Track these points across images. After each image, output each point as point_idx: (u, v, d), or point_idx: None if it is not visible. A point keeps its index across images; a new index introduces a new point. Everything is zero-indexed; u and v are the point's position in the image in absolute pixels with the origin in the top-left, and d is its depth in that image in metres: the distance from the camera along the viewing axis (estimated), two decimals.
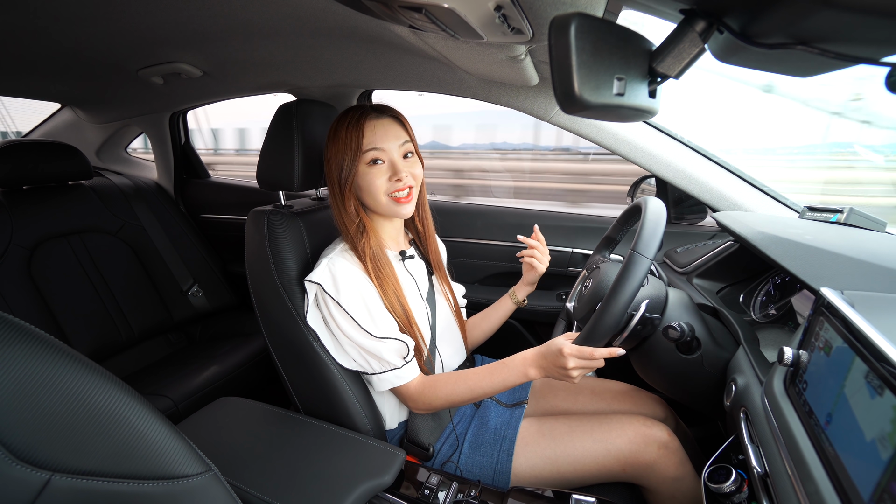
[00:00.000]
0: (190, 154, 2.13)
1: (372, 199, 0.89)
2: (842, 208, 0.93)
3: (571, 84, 0.42)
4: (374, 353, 0.87)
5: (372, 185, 0.87)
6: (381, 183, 0.87)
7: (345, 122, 0.87)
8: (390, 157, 0.88)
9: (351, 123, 0.86)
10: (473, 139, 6.63)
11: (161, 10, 0.90)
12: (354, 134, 0.86)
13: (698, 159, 1.26)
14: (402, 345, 0.88)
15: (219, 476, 0.51)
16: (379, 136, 0.86)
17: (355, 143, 0.86)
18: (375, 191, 0.87)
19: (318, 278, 0.85)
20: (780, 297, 0.96)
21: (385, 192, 0.88)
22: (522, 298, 1.16)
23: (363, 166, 0.87)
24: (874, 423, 0.41)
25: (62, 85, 1.53)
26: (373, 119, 0.87)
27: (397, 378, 0.88)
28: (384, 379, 0.89)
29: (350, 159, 0.86)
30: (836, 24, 0.34)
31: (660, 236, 0.77)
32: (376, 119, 0.88)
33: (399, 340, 0.87)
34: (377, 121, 0.87)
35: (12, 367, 0.37)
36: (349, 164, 0.86)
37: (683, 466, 0.88)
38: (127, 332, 1.62)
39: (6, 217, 1.47)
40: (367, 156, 0.86)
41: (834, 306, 0.53)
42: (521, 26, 0.67)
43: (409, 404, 0.93)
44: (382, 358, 0.87)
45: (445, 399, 0.89)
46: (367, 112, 0.88)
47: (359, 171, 0.87)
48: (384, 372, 0.88)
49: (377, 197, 0.88)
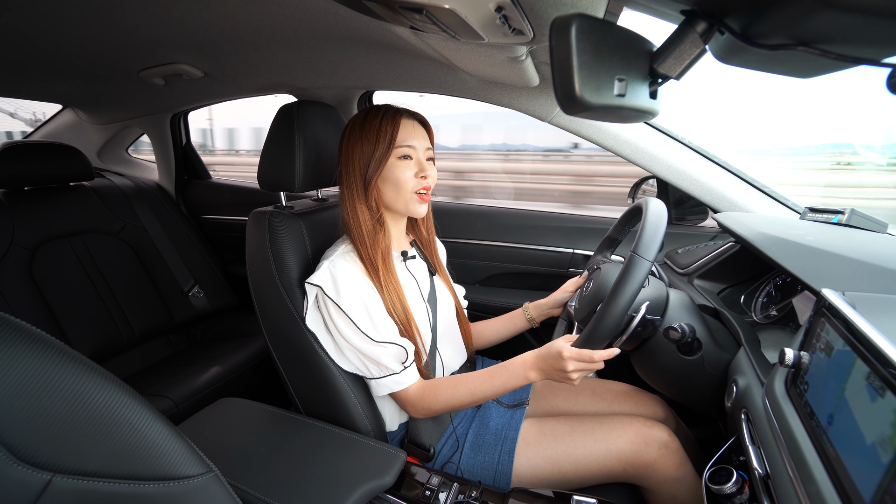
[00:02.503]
0: (191, 155, 2.13)
1: (397, 192, 0.89)
2: (843, 209, 0.93)
3: (572, 85, 0.42)
4: (373, 358, 0.87)
5: (402, 177, 0.88)
6: (410, 177, 0.89)
7: (377, 115, 0.89)
8: (418, 154, 0.90)
9: (387, 117, 0.88)
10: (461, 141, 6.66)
11: (162, 12, 0.91)
12: (390, 127, 0.87)
13: (699, 160, 1.26)
14: (401, 350, 0.88)
15: (219, 477, 0.51)
16: (412, 133, 0.89)
17: (390, 135, 0.87)
18: (404, 184, 0.88)
19: (318, 280, 0.85)
20: (781, 298, 0.96)
21: (412, 187, 0.89)
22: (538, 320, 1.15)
23: (394, 160, 0.88)
24: (875, 424, 0.41)
25: (63, 86, 1.54)
26: (408, 118, 0.90)
27: (396, 383, 0.88)
28: (382, 384, 0.89)
29: (382, 151, 0.87)
30: (837, 25, 0.34)
31: (660, 238, 0.77)
32: (410, 118, 0.91)
33: (398, 345, 0.87)
34: (411, 120, 0.91)
35: (13, 368, 0.37)
36: (381, 156, 0.88)
37: (684, 467, 0.87)
38: (128, 333, 1.62)
39: (7, 218, 1.47)
40: (400, 150, 0.88)
41: (835, 307, 0.53)
42: (521, 27, 0.68)
43: (409, 409, 0.93)
44: (381, 363, 0.87)
45: (445, 403, 0.88)
46: (402, 110, 0.91)
47: (388, 163, 0.88)
48: (383, 377, 0.88)
49: (404, 191, 0.89)
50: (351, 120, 0.92)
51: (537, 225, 1.55)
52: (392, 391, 0.89)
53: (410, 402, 0.91)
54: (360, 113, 0.92)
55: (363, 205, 0.90)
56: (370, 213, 0.90)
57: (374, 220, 0.90)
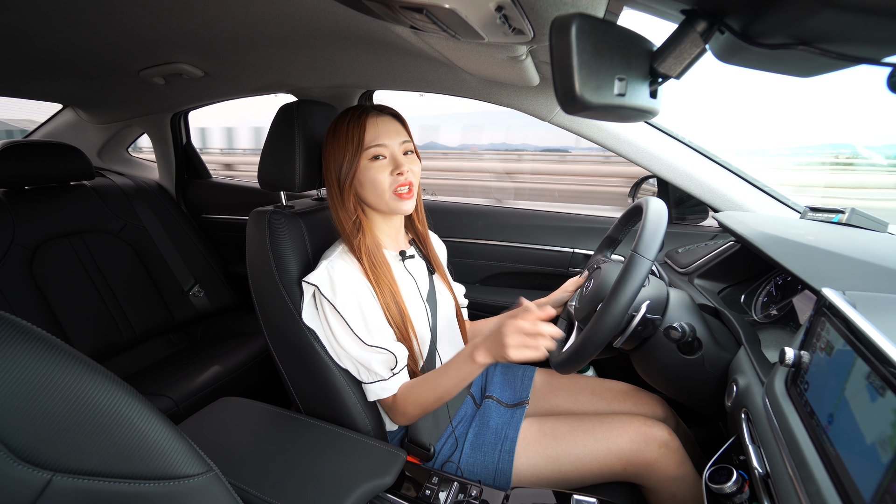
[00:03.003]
0: (191, 154, 2.13)
1: (375, 194, 0.89)
2: (843, 209, 0.93)
3: (572, 84, 0.42)
4: (364, 364, 0.87)
5: (375, 179, 0.87)
6: (385, 177, 0.87)
7: (345, 120, 0.88)
8: (392, 151, 0.88)
9: (352, 120, 0.87)
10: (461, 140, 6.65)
11: (162, 11, 0.91)
12: (356, 130, 0.86)
13: (699, 159, 1.26)
14: (391, 357, 0.87)
15: (220, 476, 0.51)
16: (381, 132, 0.87)
17: (357, 139, 0.86)
18: (379, 185, 0.87)
19: (315, 280, 0.85)
20: (781, 297, 0.96)
21: (389, 186, 0.88)
22: None
23: (365, 162, 0.87)
24: (876, 424, 0.41)
25: (64, 85, 1.54)
26: (374, 116, 0.88)
27: (382, 390, 0.88)
28: (370, 390, 0.89)
29: (351, 155, 0.87)
30: (838, 24, 0.34)
31: (661, 238, 0.77)
32: (377, 116, 0.89)
33: (389, 352, 0.87)
34: (378, 118, 0.89)
35: (14, 367, 0.37)
36: (350, 161, 0.87)
37: (684, 466, 0.87)
38: (128, 333, 1.62)
39: (8, 217, 1.48)
40: (369, 152, 0.87)
41: (835, 307, 0.53)
42: (521, 27, 0.67)
43: (391, 416, 0.93)
44: (371, 369, 0.87)
45: (416, 405, 0.88)
46: (367, 110, 0.89)
47: (360, 166, 0.88)
48: (371, 383, 0.88)
49: (381, 192, 0.88)
50: (331, 124, 0.92)
51: (537, 224, 1.55)
52: (379, 398, 0.89)
53: (391, 408, 0.91)
54: (336, 117, 0.92)
55: (342, 209, 0.90)
56: (348, 215, 0.90)
57: (353, 222, 0.90)
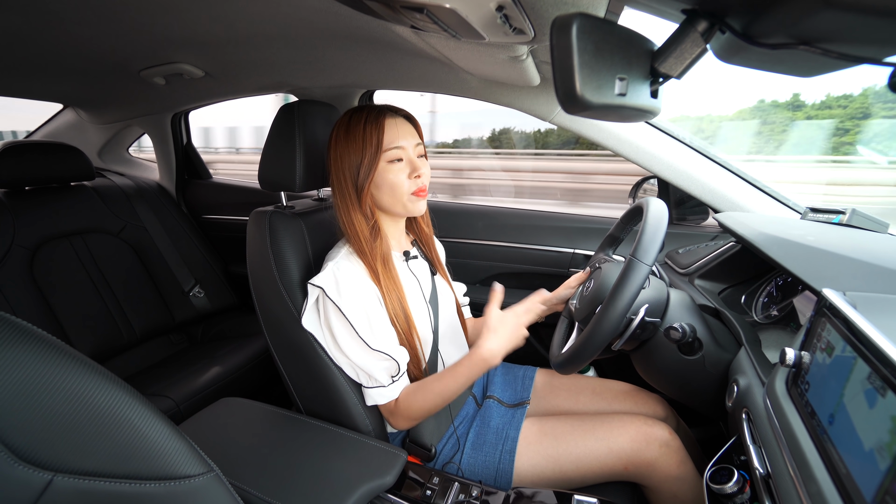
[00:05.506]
0: (192, 155, 2.13)
1: (392, 197, 0.88)
2: (844, 209, 0.93)
3: (573, 84, 0.42)
4: (364, 369, 0.87)
5: (395, 181, 0.86)
6: (404, 179, 0.87)
7: (360, 120, 0.86)
8: (408, 154, 0.87)
9: (369, 121, 0.85)
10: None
11: (163, 12, 0.91)
12: (374, 131, 0.85)
13: (700, 160, 1.25)
14: (393, 364, 0.87)
15: (220, 476, 0.51)
16: (400, 133, 0.86)
17: (375, 140, 0.85)
18: (398, 188, 0.87)
19: (321, 282, 0.84)
20: (781, 298, 0.96)
21: (408, 189, 0.87)
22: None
23: (384, 164, 0.86)
24: (876, 424, 0.41)
25: (64, 85, 1.54)
26: (391, 118, 0.87)
27: (381, 396, 0.88)
28: (369, 394, 0.89)
29: (371, 157, 0.85)
30: (839, 24, 0.34)
31: (660, 241, 0.77)
32: (394, 118, 0.87)
33: (392, 359, 0.87)
34: (395, 119, 0.87)
35: (14, 368, 0.37)
36: (369, 163, 0.85)
37: (685, 465, 0.87)
38: (129, 333, 1.62)
39: (8, 218, 1.48)
40: (388, 154, 0.86)
41: (836, 307, 0.53)
42: (522, 26, 0.67)
43: (392, 420, 0.93)
44: (372, 375, 0.87)
45: (421, 408, 0.88)
46: (384, 110, 0.88)
47: (379, 168, 0.86)
48: (370, 388, 0.88)
49: (399, 194, 0.87)
50: (336, 125, 0.90)
51: (537, 225, 1.55)
52: (378, 403, 0.89)
53: (392, 412, 0.91)
54: (343, 117, 0.89)
55: (358, 213, 0.88)
56: (366, 220, 0.89)
57: (370, 227, 0.89)
